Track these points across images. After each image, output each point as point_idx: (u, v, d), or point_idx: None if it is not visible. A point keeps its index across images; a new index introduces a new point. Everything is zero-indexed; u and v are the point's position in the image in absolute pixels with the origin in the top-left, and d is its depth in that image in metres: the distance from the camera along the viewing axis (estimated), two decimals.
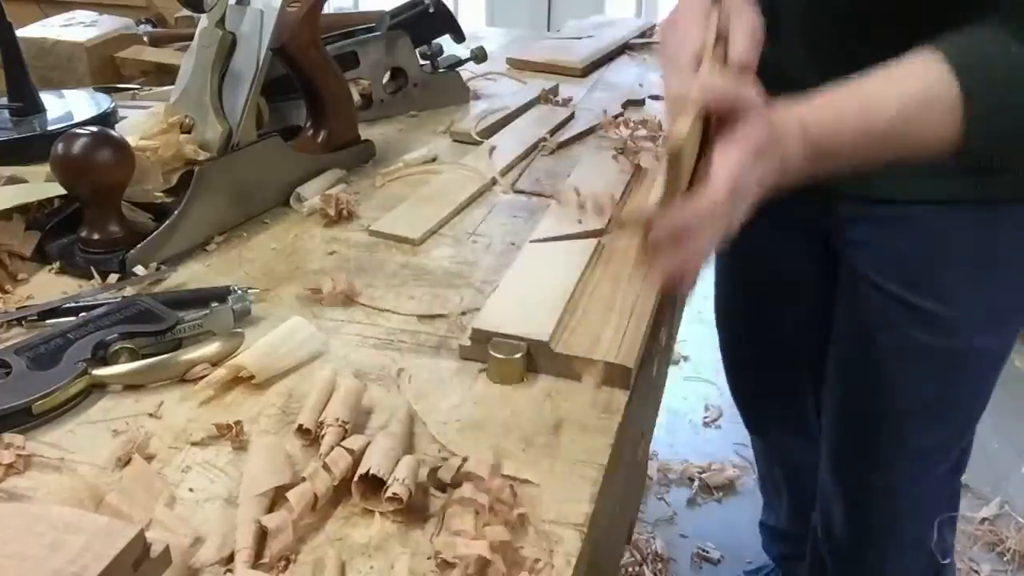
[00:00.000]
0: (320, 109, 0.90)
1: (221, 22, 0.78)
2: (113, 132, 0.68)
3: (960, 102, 0.58)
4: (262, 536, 0.43)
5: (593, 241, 0.70)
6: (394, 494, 0.44)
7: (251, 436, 0.51)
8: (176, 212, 0.73)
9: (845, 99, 0.60)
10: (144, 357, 0.57)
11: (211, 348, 0.57)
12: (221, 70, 0.79)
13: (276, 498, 0.45)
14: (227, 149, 0.78)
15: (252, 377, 0.55)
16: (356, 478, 0.45)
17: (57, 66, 1.08)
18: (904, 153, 0.61)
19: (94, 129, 0.67)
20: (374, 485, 0.45)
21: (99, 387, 0.55)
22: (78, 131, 0.66)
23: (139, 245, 0.70)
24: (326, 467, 0.45)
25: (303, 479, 0.45)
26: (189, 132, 0.78)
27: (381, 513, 0.45)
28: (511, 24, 2.73)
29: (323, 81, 0.88)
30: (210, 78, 0.78)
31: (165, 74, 1.11)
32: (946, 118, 0.59)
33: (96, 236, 0.69)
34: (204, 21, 0.79)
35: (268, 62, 0.78)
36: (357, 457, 0.47)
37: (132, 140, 0.70)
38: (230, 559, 0.42)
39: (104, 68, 1.11)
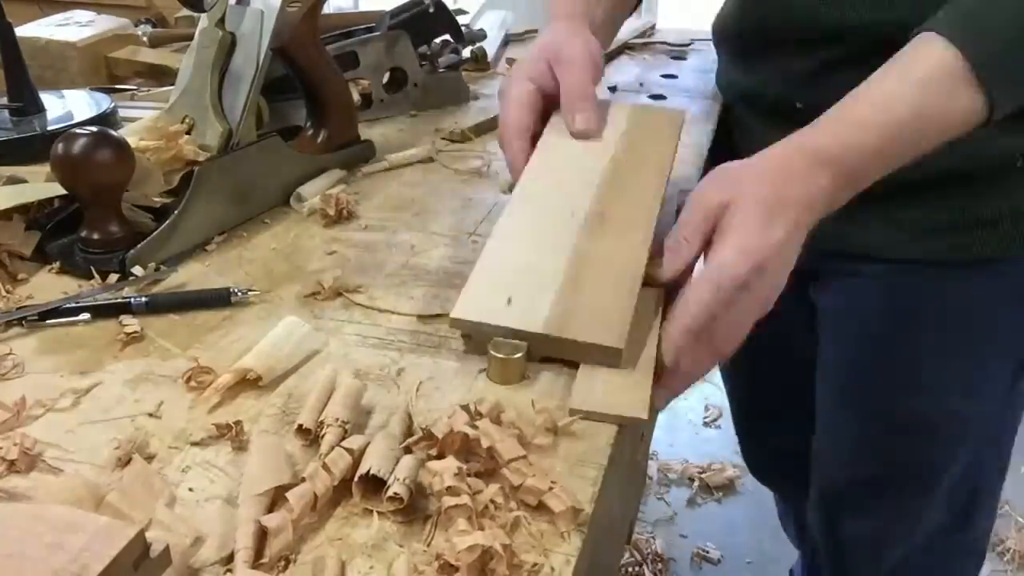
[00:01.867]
0: (320, 109, 0.90)
1: (221, 22, 0.78)
2: (113, 132, 0.68)
3: (961, 63, 0.57)
4: (262, 536, 0.43)
5: (577, 220, 0.66)
6: (395, 494, 0.44)
7: (251, 436, 0.51)
8: (176, 212, 0.72)
9: (858, 110, 0.59)
10: None
11: None
12: (221, 70, 0.79)
13: (276, 498, 0.45)
14: (227, 149, 0.78)
15: (259, 379, 0.56)
16: (356, 478, 0.45)
17: (49, 65, 1.08)
18: (935, 141, 0.60)
19: (94, 129, 0.67)
20: (374, 485, 0.45)
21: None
22: (78, 131, 0.66)
23: (139, 245, 0.70)
24: (326, 467, 0.45)
25: (303, 479, 0.45)
26: (189, 132, 0.78)
27: (380, 513, 0.45)
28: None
29: (322, 81, 0.88)
30: (210, 78, 0.78)
31: (159, 75, 1.11)
32: (958, 88, 0.57)
33: (96, 236, 0.69)
34: (204, 21, 0.79)
35: (268, 62, 0.79)
36: (357, 457, 0.47)
37: (133, 141, 0.70)
38: (230, 559, 0.42)
39: (96, 68, 1.11)
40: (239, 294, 0.65)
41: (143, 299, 0.64)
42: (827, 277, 0.86)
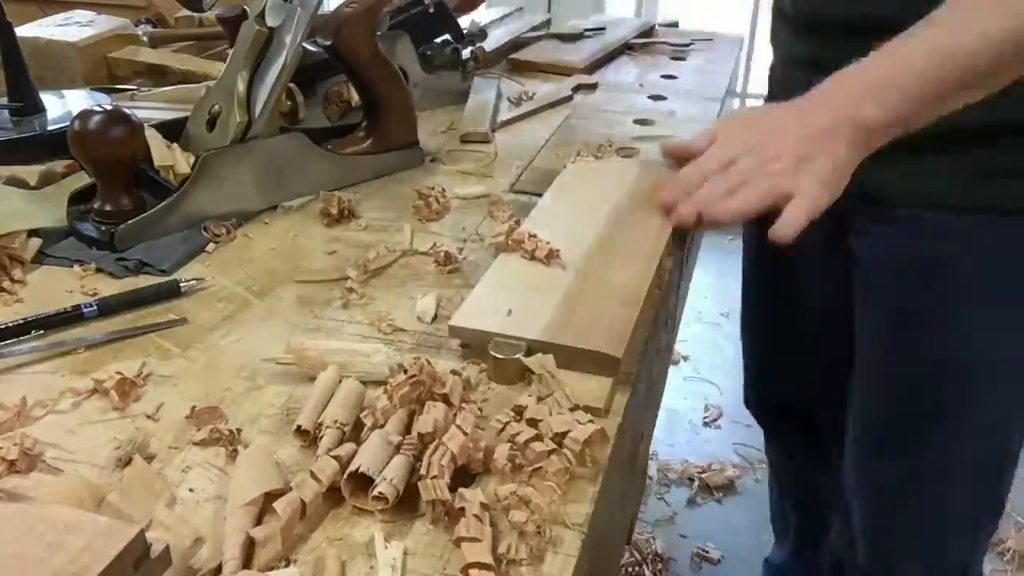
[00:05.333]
0: (371, 110, 0.90)
1: (260, 17, 0.79)
2: (125, 111, 0.71)
3: None
4: (251, 546, 0.42)
5: (587, 236, 0.70)
6: (380, 493, 0.44)
7: (252, 437, 0.51)
8: (175, 194, 0.75)
9: (913, 34, 0.67)
10: None
11: None
12: (255, 64, 0.80)
13: (266, 505, 0.45)
14: (243, 140, 0.79)
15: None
16: (346, 476, 0.45)
17: (49, 65, 1.08)
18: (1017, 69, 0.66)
19: (108, 107, 0.71)
20: (365, 484, 0.45)
21: None
22: (94, 109, 0.70)
23: (129, 222, 0.72)
24: (313, 475, 0.45)
25: (291, 488, 0.45)
26: (213, 121, 0.80)
27: (367, 511, 0.45)
28: None
29: (374, 82, 0.88)
30: (240, 71, 0.79)
31: (158, 75, 1.11)
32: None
33: (107, 207, 0.73)
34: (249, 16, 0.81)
35: (296, 59, 0.79)
36: (345, 463, 0.46)
37: None
38: (220, 570, 0.42)
39: (97, 68, 1.11)
40: (190, 283, 0.67)
41: (94, 305, 0.63)
42: (863, 223, 0.88)
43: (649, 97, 1.18)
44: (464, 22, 1.25)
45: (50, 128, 0.89)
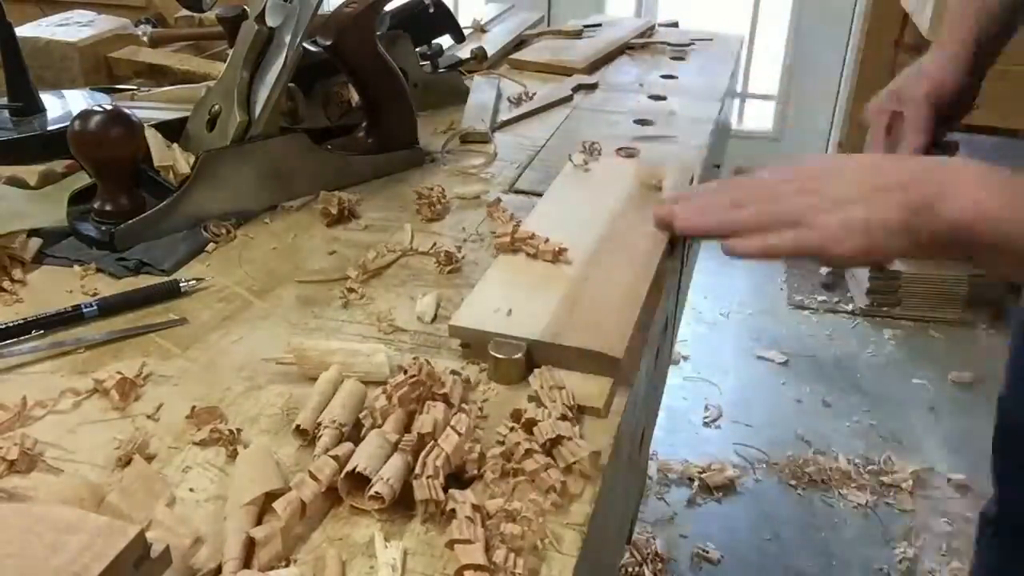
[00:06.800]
0: (371, 111, 0.90)
1: (260, 17, 0.79)
2: (125, 111, 0.71)
3: None
4: (251, 546, 0.42)
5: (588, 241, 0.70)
6: (376, 493, 0.44)
7: (252, 437, 0.51)
8: (175, 194, 0.75)
9: None
10: None
11: None
12: (255, 63, 0.80)
13: (266, 505, 0.45)
14: (243, 140, 0.79)
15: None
16: (343, 475, 0.45)
17: (50, 65, 1.08)
18: None
19: (108, 107, 0.71)
20: (363, 483, 0.45)
21: None
22: (94, 108, 0.70)
23: (129, 222, 0.72)
24: (311, 474, 0.45)
25: (291, 488, 0.45)
26: (214, 121, 0.80)
27: (363, 511, 0.45)
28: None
29: (373, 83, 0.88)
30: (240, 71, 0.79)
31: (158, 75, 1.11)
32: None
33: (107, 207, 0.73)
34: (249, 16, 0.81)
35: (296, 58, 0.79)
36: (343, 462, 0.46)
37: None
38: (220, 570, 0.42)
39: (97, 68, 1.11)
40: (190, 283, 0.67)
41: (94, 305, 0.63)
42: None
43: (649, 97, 1.18)
44: (463, 21, 1.25)
45: (50, 128, 0.89)
